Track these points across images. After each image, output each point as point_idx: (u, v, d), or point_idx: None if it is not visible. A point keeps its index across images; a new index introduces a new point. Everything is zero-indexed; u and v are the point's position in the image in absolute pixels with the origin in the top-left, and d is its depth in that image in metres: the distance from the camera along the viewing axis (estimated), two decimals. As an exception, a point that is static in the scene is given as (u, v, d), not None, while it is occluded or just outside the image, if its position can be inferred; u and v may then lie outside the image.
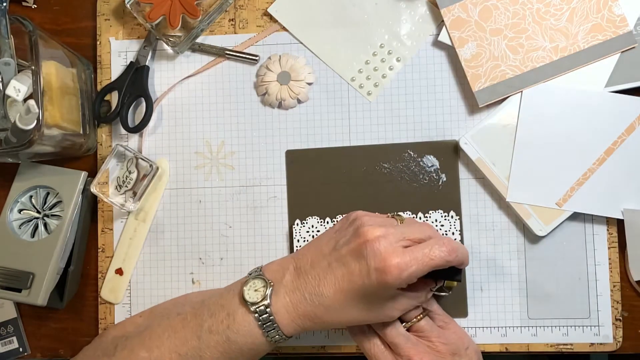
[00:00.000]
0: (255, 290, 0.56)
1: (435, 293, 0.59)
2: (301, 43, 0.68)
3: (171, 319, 0.59)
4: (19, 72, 0.60)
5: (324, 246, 0.57)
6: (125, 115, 0.68)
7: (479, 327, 0.65)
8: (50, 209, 0.67)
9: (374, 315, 0.56)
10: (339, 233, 0.57)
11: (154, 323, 0.59)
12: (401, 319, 0.58)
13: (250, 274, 0.58)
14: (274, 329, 0.55)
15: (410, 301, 0.57)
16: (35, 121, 0.58)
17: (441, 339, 0.58)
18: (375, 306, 0.55)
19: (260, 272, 0.57)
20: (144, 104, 0.68)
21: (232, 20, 0.68)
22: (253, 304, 0.55)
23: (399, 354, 0.57)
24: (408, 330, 0.58)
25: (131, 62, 0.68)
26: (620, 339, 0.63)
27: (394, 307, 0.56)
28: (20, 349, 0.70)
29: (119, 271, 0.68)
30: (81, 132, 0.67)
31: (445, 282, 0.59)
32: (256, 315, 0.55)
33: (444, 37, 0.65)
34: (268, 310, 0.55)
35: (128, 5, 0.66)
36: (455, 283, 0.59)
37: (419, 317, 0.58)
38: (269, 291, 0.55)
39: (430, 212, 0.65)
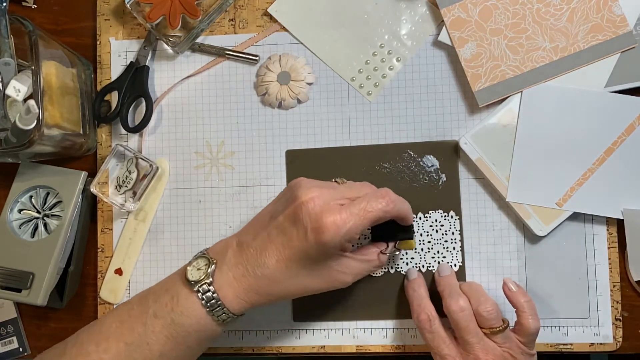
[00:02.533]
0: (198, 269, 0.55)
1: (388, 254, 0.58)
2: (301, 43, 0.68)
3: (118, 309, 0.57)
4: (19, 72, 0.60)
5: (264, 217, 0.56)
6: (125, 115, 0.68)
7: (479, 327, 0.65)
8: (50, 209, 0.67)
9: (322, 281, 0.55)
10: (278, 202, 0.56)
11: (103, 317, 0.58)
12: (480, 325, 0.58)
13: (195, 255, 0.57)
14: (219, 306, 0.54)
15: (360, 265, 0.56)
16: (35, 121, 0.58)
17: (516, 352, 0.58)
18: (320, 271, 0.54)
19: (204, 252, 0.57)
20: (144, 104, 0.68)
21: (232, 20, 0.68)
22: (196, 282, 0.54)
23: (468, 351, 0.57)
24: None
25: (131, 62, 0.68)
26: (620, 339, 0.63)
27: (343, 272, 0.55)
28: (20, 349, 0.70)
29: (119, 271, 0.68)
30: (81, 132, 0.67)
31: (397, 242, 0.59)
32: (199, 294, 0.54)
33: (444, 37, 0.65)
34: (211, 287, 0.54)
35: (128, 5, 0.66)
36: (410, 243, 0.59)
37: (499, 328, 0.57)
38: (211, 269, 0.54)
39: (430, 212, 0.65)
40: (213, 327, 0.55)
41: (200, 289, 0.54)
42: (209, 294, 0.54)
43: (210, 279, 0.54)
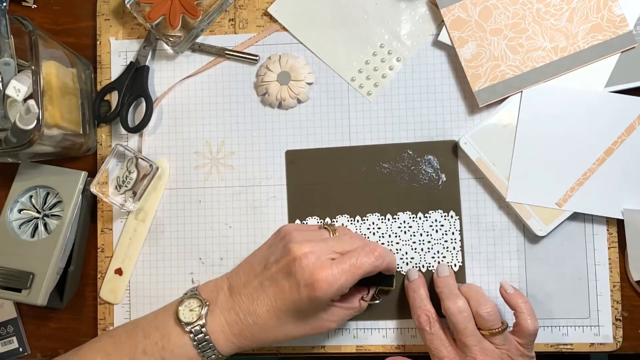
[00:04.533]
0: (191, 310, 0.56)
1: (369, 302, 0.61)
2: (301, 43, 0.68)
3: (102, 341, 0.58)
4: (19, 72, 0.60)
5: (256, 265, 0.58)
6: (125, 115, 0.68)
7: (479, 327, 0.65)
8: (50, 209, 0.67)
9: (310, 328, 0.57)
10: (270, 250, 0.58)
11: (85, 347, 0.58)
12: (478, 327, 0.58)
13: (185, 294, 0.58)
14: (209, 348, 0.55)
15: (344, 311, 0.58)
16: (35, 121, 0.58)
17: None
18: (310, 320, 0.56)
19: (195, 292, 0.58)
20: (144, 104, 0.68)
21: (232, 20, 0.68)
22: (188, 324, 0.55)
23: (466, 353, 0.57)
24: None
25: (131, 62, 0.68)
26: (620, 339, 0.63)
27: (329, 319, 0.57)
28: (20, 349, 0.70)
29: (119, 271, 0.68)
30: (81, 132, 0.67)
31: (377, 289, 0.62)
32: (191, 335, 0.55)
33: (444, 37, 0.65)
34: (203, 330, 0.55)
35: (128, 5, 0.66)
36: (389, 289, 0.62)
37: (498, 329, 0.58)
38: (204, 311, 0.56)
39: (430, 212, 0.65)
40: None
41: (193, 330, 0.55)
42: (201, 335, 0.55)
43: (204, 321, 0.55)
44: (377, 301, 0.63)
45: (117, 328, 0.60)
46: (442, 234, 0.65)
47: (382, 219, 0.66)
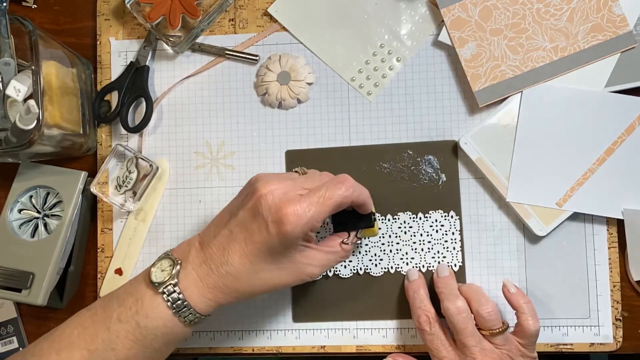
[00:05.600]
0: (162, 270, 0.54)
1: (350, 243, 0.58)
2: (301, 43, 0.68)
3: (80, 316, 0.56)
4: (19, 72, 0.60)
5: (225, 215, 0.55)
6: (125, 115, 0.68)
7: (479, 327, 0.65)
8: (50, 209, 0.67)
9: (288, 274, 0.54)
10: (238, 199, 0.55)
11: (64, 324, 0.56)
12: (479, 327, 0.58)
13: (159, 257, 0.56)
14: (185, 307, 0.53)
15: (326, 256, 0.56)
16: (35, 121, 0.58)
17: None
18: (286, 265, 0.54)
19: (168, 253, 0.56)
20: (144, 104, 0.68)
21: (232, 20, 0.68)
22: (160, 284, 0.53)
23: (465, 354, 0.57)
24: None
25: (131, 62, 0.68)
26: (620, 339, 0.63)
27: (309, 264, 0.55)
28: (20, 349, 0.70)
29: (119, 271, 0.68)
30: (81, 132, 0.67)
31: (358, 231, 0.59)
32: (164, 295, 0.53)
33: (444, 37, 0.65)
34: (176, 288, 0.53)
35: (128, 5, 0.66)
36: (373, 230, 0.60)
37: (498, 330, 0.57)
38: (175, 269, 0.53)
39: (430, 212, 0.65)
40: (180, 328, 0.54)
41: (165, 290, 0.53)
42: (174, 295, 0.53)
43: (175, 280, 0.53)
44: (359, 241, 0.60)
45: (96, 302, 0.57)
46: (442, 234, 0.65)
47: (382, 219, 0.66)
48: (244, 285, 0.54)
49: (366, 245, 0.66)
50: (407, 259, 0.65)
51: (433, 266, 0.65)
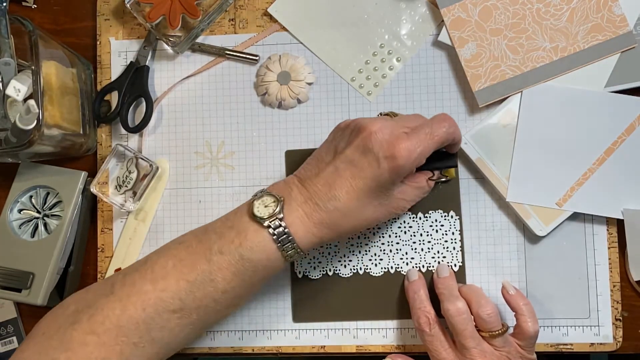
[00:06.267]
0: (266, 206, 0.54)
1: (436, 181, 0.60)
2: (301, 43, 0.68)
3: (173, 248, 0.56)
4: (19, 72, 0.60)
5: (324, 155, 0.56)
6: (125, 115, 0.68)
7: (479, 327, 0.65)
8: (50, 209, 0.67)
9: (386, 210, 0.56)
10: (334, 141, 0.56)
11: (152, 257, 0.56)
12: (478, 328, 0.58)
13: (255, 195, 0.55)
14: (289, 242, 0.53)
15: (415, 191, 0.58)
16: (35, 121, 0.58)
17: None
18: (386, 200, 0.55)
19: (267, 191, 0.56)
20: (144, 104, 0.68)
21: (232, 20, 0.68)
22: (266, 218, 0.53)
23: (465, 355, 0.57)
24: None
25: (131, 62, 0.68)
26: (620, 339, 0.63)
27: (403, 198, 0.56)
28: (20, 349, 0.70)
29: (119, 271, 0.68)
30: (81, 132, 0.67)
31: (442, 171, 0.61)
32: (270, 229, 0.53)
33: (444, 37, 0.65)
34: (282, 223, 0.53)
35: (128, 5, 0.66)
36: (452, 171, 0.62)
37: (498, 331, 0.57)
38: (280, 205, 0.53)
39: (430, 212, 0.65)
40: (279, 263, 0.54)
41: (271, 224, 0.53)
42: (280, 229, 0.53)
43: (282, 215, 0.53)
44: (444, 180, 0.63)
45: (184, 235, 0.57)
46: (442, 234, 0.65)
47: (382, 219, 0.66)
48: (349, 220, 0.54)
49: (366, 245, 0.66)
50: (407, 259, 0.65)
51: (433, 266, 0.65)
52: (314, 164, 0.56)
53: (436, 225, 0.65)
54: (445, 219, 0.65)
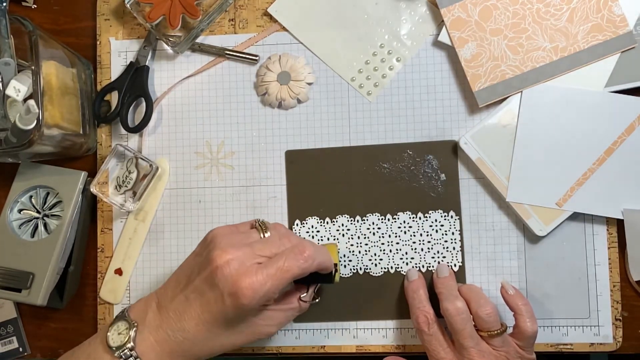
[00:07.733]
0: (119, 334, 0.54)
1: (308, 301, 0.59)
2: (301, 43, 0.68)
3: None
4: (19, 72, 0.60)
5: (182, 277, 0.55)
6: (125, 115, 0.68)
7: (479, 327, 0.65)
8: (50, 209, 0.67)
9: (246, 337, 0.55)
10: (195, 260, 0.55)
11: None
12: (477, 328, 0.58)
13: (117, 316, 0.56)
14: None
15: (284, 314, 0.57)
16: (35, 121, 0.58)
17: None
18: (242, 328, 0.54)
19: (125, 313, 0.55)
20: (144, 104, 0.68)
21: (232, 20, 0.68)
22: (117, 348, 0.53)
23: (463, 355, 0.57)
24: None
25: (131, 62, 0.68)
26: (620, 339, 0.63)
27: (266, 324, 0.55)
28: (20, 349, 0.70)
29: (118, 271, 0.68)
30: (81, 132, 0.67)
31: (317, 287, 0.60)
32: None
33: (444, 37, 0.65)
34: (133, 352, 0.53)
35: (128, 5, 0.66)
36: (337, 276, 0.60)
37: (497, 331, 0.57)
38: (132, 333, 0.53)
39: (430, 212, 0.65)
40: None
41: (122, 354, 0.53)
42: (131, 359, 0.53)
43: (132, 344, 0.53)
44: (317, 300, 0.61)
45: (59, 359, 0.57)
46: (442, 234, 0.65)
47: (382, 219, 0.66)
48: (201, 349, 0.54)
49: (366, 245, 0.66)
50: (406, 259, 0.65)
51: (433, 266, 0.65)
52: (173, 285, 0.56)
53: (436, 225, 0.65)
54: (445, 219, 0.65)
